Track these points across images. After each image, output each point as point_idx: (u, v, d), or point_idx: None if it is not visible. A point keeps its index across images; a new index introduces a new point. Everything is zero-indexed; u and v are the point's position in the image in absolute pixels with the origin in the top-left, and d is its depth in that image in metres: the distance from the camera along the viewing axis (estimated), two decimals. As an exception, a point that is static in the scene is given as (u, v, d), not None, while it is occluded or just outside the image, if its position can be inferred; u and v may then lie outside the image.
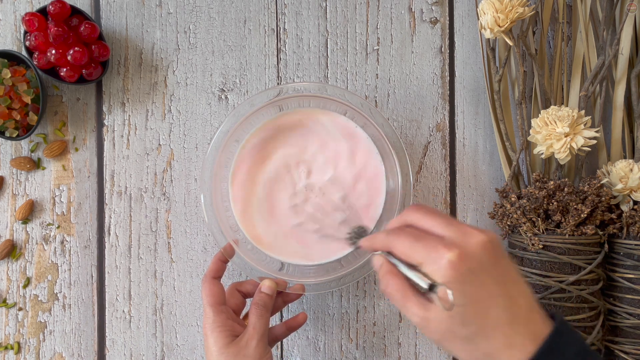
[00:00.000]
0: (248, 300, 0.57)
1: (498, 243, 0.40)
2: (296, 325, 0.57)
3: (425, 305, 0.39)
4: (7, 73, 0.57)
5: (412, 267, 0.40)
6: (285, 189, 0.57)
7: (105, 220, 0.62)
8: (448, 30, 0.65)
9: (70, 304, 0.62)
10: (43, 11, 0.58)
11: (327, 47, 0.64)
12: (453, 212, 0.64)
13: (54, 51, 0.57)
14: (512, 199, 0.58)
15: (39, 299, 0.62)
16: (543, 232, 0.57)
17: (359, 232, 0.51)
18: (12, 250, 0.61)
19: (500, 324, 0.38)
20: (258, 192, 0.57)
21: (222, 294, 0.53)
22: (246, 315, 0.55)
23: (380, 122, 0.56)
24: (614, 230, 0.58)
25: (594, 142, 0.55)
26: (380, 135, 0.56)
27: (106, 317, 0.62)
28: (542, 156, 0.56)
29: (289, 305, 0.63)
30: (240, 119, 0.55)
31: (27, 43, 0.58)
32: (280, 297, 0.56)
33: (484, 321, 0.38)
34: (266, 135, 0.57)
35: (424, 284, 0.38)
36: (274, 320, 0.62)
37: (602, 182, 0.57)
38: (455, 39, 0.65)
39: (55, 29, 0.56)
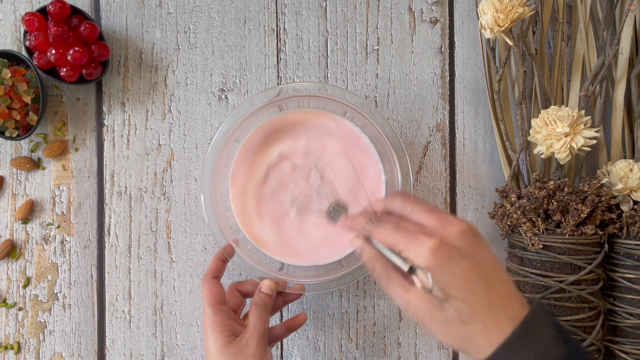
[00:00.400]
0: (248, 300, 0.57)
1: (477, 231, 0.42)
2: (296, 325, 0.57)
3: (407, 287, 0.41)
4: (7, 73, 0.57)
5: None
6: (284, 188, 0.57)
7: (105, 220, 0.62)
8: (448, 30, 0.65)
9: (70, 304, 0.62)
10: (43, 11, 0.58)
11: (327, 47, 0.64)
12: (453, 212, 0.64)
13: (54, 51, 0.57)
14: (512, 199, 0.58)
15: (39, 299, 0.62)
16: (543, 232, 0.57)
17: (337, 208, 0.51)
18: (12, 250, 0.61)
19: (478, 309, 0.40)
20: (258, 192, 0.57)
21: (222, 294, 0.53)
22: (246, 315, 0.55)
23: (380, 122, 0.56)
24: (614, 230, 0.58)
25: (594, 142, 0.55)
26: (380, 135, 0.56)
27: (106, 317, 0.62)
28: (542, 156, 0.56)
29: (289, 305, 0.63)
30: (240, 119, 0.55)
31: (27, 43, 0.58)
32: (280, 297, 0.56)
33: (461, 306, 0.40)
34: (266, 135, 0.57)
35: (405, 266, 0.41)
36: (274, 320, 0.62)
37: (602, 182, 0.57)
38: (455, 39, 0.65)
39: (55, 29, 0.56)
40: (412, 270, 0.40)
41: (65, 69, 0.58)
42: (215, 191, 0.55)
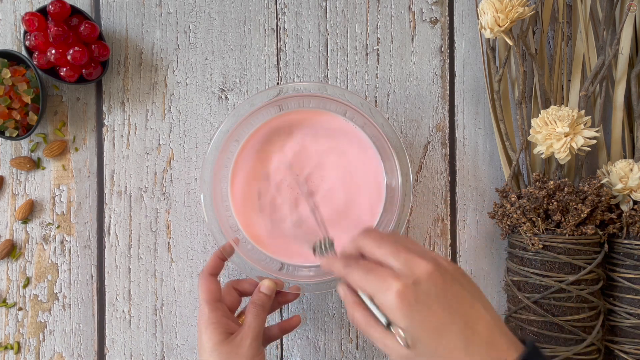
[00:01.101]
0: (244, 299, 0.57)
1: (450, 270, 0.40)
2: (290, 328, 0.57)
3: (386, 334, 0.40)
4: (7, 73, 0.57)
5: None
6: (284, 188, 0.57)
7: (105, 220, 0.62)
8: (448, 30, 0.65)
9: (70, 304, 0.62)
10: (43, 11, 0.58)
11: (327, 47, 0.64)
12: (453, 212, 0.64)
13: (53, 51, 0.57)
14: (512, 198, 0.58)
15: (39, 298, 0.62)
16: (543, 232, 0.57)
17: (322, 245, 0.51)
18: (12, 250, 0.61)
19: (455, 351, 0.38)
20: (258, 192, 0.57)
21: (218, 291, 0.53)
22: (241, 314, 0.55)
23: (380, 122, 0.56)
24: (614, 230, 0.58)
25: (594, 142, 0.55)
26: (380, 135, 0.56)
27: (106, 317, 0.62)
28: (542, 156, 0.56)
29: (289, 304, 0.63)
30: (240, 118, 0.55)
31: (27, 43, 0.58)
32: (277, 298, 0.56)
33: (437, 350, 0.38)
34: (266, 135, 0.57)
35: (382, 320, 0.40)
36: (274, 319, 0.62)
37: (602, 182, 0.57)
38: (455, 39, 0.65)
39: (55, 28, 0.56)
40: (389, 323, 0.40)
41: (65, 69, 0.58)
42: (215, 191, 0.55)
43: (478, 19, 0.57)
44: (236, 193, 0.56)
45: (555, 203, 0.56)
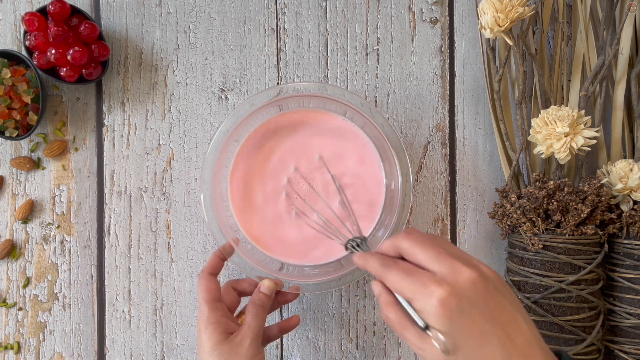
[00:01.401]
0: (244, 299, 0.57)
1: (492, 278, 0.40)
2: (289, 327, 0.57)
3: (422, 336, 0.39)
4: (7, 73, 0.57)
5: None
6: (284, 189, 0.57)
7: (105, 220, 0.62)
8: (448, 30, 0.65)
9: (70, 304, 0.62)
10: (43, 11, 0.58)
11: (327, 47, 0.64)
12: (453, 212, 0.64)
13: (53, 51, 0.57)
14: (512, 198, 0.58)
15: (39, 298, 0.62)
16: (543, 232, 0.57)
17: (357, 243, 0.50)
18: (12, 250, 0.61)
19: None
20: (258, 192, 0.57)
21: (217, 291, 0.53)
22: (240, 313, 0.55)
23: (380, 122, 0.56)
24: (614, 230, 0.58)
25: (594, 142, 0.55)
26: (380, 135, 0.56)
27: (106, 317, 0.62)
28: (542, 156, 0.56)
29: (289, 304, 0.63)
30: (240, 118, 0.55)
31: (27, 43, 0.58)
32: (276, 298, 0.56)
33: (476, 359, 0.38)
34: (266, 135, 0.57)
35: (420, 322, 0.39)
36: (274, 319, 0.62)
37: (602, 182, 0.57)
38: (455, 39, 0.65)
39: (55, 28, 0.56)
40: (427, 326, 0.39)
41: (65, 69, 0.58)
42: (215, 191, 0.55)
43: (478, 19, 0.57)
44: (236, 193, 0.56)
45: (555, 203, 0.56)
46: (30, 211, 0.61)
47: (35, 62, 0.58)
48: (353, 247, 0.49)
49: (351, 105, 0.56)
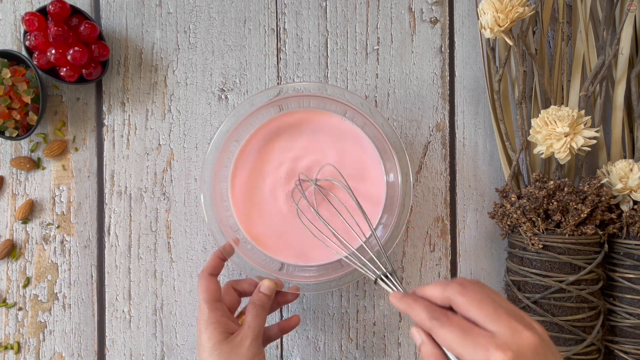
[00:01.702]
0: (244, 300, 0.57)
1: (548, 341, 0.38)
2: (289, 327, 0.57)
3: None
4: (7, 73, 0.57)
5: None
6: (285, 189, 0.57)
7: (105, 220, 0.62)
8: (448, 30, 0.65)
9: (70, 304, 0.62)
10: (43, 11, 0.58)
11: (327, 47, 0.64)
12: (453, 212, 0.64)
13: (53, 51, 0.57)
14: (512, 198, 0.58)
15: (39, 298, 0.62)
16: (543, 232, 0.57)
17: (385, 277, 0.47)
18: (12, 250, 0.61)
19: None
20: (258, 192, 0.57)
21: (218, 291, 0.53)
22: (240, 314, 0.55)
23: (380, 122, 0.56)
24: (614, 230, 0.58)
25: (594, 142, 0.55)
26: (380, 135, 0.56)
27: (106, 317, 0.62)
28: (542, 156, 0.56)
29: (289, 304, 0.63)
30: (240, 119, 0.55)
31: (27, 43, 0.58)
32: (276, 299, 0.56)
33: None
34: (266, 135, 0.57)
35: None
36: (274, 318, 0.62)
37: (602, 182, 0.57)
38: (455, 39, 0.65)
39: (55, 28, 0.56)
40: None
41: (65, 69, 0.58)
42: (215, 191, 0.55)
43: (478, 19, 0.57)
44: (236, 193, 0.56)
45: (555, 203, 0.56)
46: (30, 211, 0.61)
47: (35, 62, 0.58)
48: (382, 279, 0.46)
49: (351, 106, 0.56)
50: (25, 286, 0.62)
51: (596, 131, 0.55)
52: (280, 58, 0.64)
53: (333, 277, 0.55)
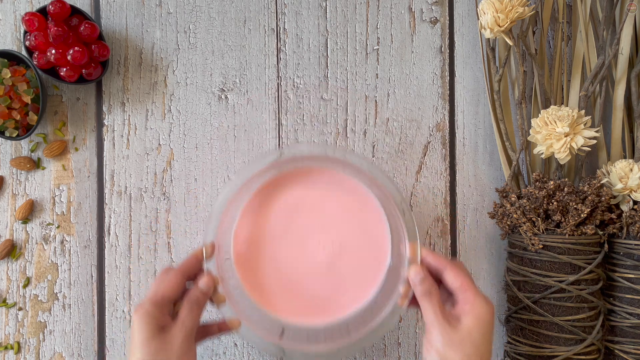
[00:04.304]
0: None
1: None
2: (227, 329, 0.54)
3: None
4: (7, 73, 0.57)
5: None
6: (290, 244, 0.55)
7: (105, 220, 0.62)
8: (448, 30, 0.65)
9: (70, 304, 0.62)
10: (43, 11, 0.58)
11: (327, 47, 0.64)
12: (453, 212, 0.64)
13: (53, 51, 0.57)
14: (512, 198, 0.58)
15: (39, 298, 0.62)
16: (543, 232, 0.57)
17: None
18: (12, 250, 0.61)
19: None
20: (262, 252, 0.55)
21: (176, 290, 0.50)
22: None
23: (384, 181, 0.52)
24: (614, 230, 0.58)
25: (594, 142, 0.55)
26: (384, 195, 0.53)
27: (106, 317, 0.62)
28: (542, 156, 0.56)
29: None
30: (239, 185, 0.52)
31: (27, 43, 0.58)
32: (217, 325, 0.54)
33: None
34: (267, 193, 0.55)
35: None
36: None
37: (602, 182, 0.57)
38: (455, 39, 0.65)
39: (55, 28, 0.56)
40: None
41: (65, 69, 0.58)
42: (218, 254, 0.53)
43: (478, 19, 0.57)
44: (239, 252, 0.54)
45: (555, 203, 0.56)
46: (30, 211, 0.61)
47: (35, 62, 0.58)
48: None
49: (355, 165, 0.53)
50: (25, 286, 0.62)
51: (596, 131, 0.55)
52: (280, 58, 0.64)
53: (341, 346, 0.52)
